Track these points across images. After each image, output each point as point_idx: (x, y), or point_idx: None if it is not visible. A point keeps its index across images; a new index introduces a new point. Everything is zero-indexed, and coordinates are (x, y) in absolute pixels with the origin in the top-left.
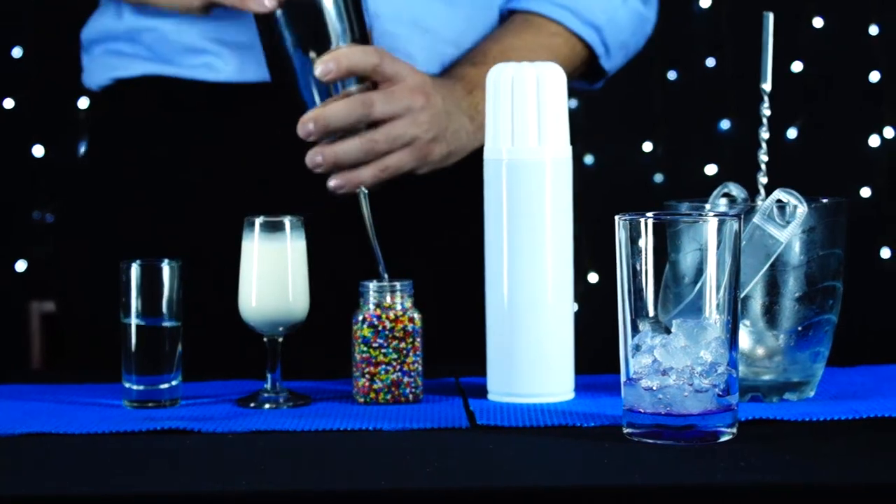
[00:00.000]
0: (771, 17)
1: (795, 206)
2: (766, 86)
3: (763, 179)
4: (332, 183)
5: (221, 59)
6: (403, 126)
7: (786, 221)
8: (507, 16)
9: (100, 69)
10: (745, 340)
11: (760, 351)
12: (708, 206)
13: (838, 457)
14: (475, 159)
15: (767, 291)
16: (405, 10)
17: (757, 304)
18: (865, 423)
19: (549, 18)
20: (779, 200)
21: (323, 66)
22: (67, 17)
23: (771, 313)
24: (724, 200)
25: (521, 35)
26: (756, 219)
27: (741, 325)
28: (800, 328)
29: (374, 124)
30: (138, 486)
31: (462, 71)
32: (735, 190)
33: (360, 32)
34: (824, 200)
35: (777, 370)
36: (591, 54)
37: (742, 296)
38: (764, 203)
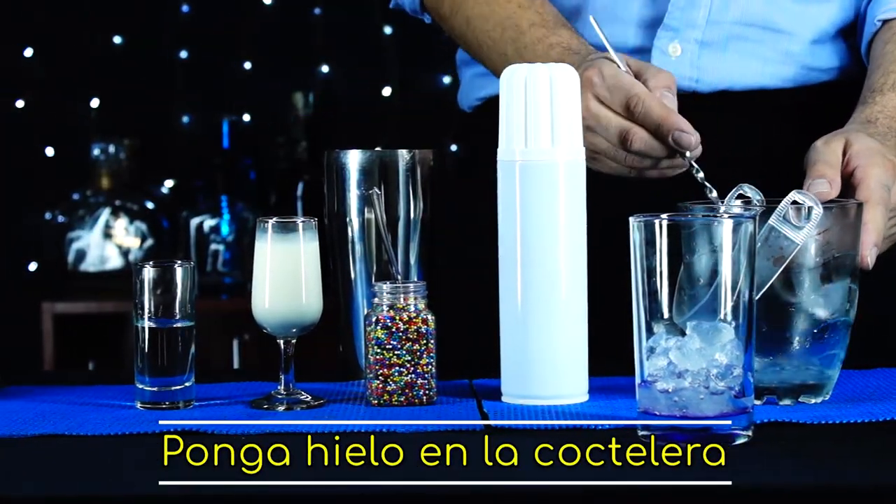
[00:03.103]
0: None
1: (811, 208)
2: None
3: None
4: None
5: None
6: None
7: (801, 223)
8: (879, 27)
9: (470, 90)
10: (760, 342)
11: (775, 353)
12: (723, 208)
13: (854, 459)
14: (487, 161)
15: (783, 293)
16: (754, 11)
17: (772, 306)
18: (881, 426)
19: None
20: (794, 202)
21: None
22: (79, 20)
23: (787, 315)
24: (738, 202)
25: None
26: (772, 220)
27: (756, 327)
28: (815, 331)
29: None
30: (151, 488)
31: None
32: (750, 191)
33: None
34: (840, 202)
35: (793, 373)
36: None
37: (757, 297)
38: (780, 205)
